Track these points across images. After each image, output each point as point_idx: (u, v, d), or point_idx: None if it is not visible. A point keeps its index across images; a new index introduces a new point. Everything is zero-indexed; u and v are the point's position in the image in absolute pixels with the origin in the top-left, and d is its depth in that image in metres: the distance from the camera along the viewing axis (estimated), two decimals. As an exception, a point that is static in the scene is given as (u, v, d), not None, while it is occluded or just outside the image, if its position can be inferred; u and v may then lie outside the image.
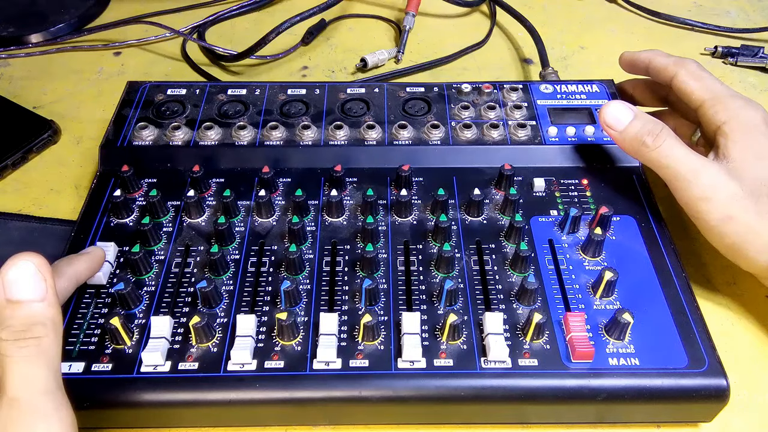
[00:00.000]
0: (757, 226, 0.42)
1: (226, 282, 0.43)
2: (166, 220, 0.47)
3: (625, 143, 0.46)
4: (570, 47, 0.73)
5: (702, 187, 0.43)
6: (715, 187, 0.43)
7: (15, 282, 0.32)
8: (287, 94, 0.56)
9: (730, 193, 0.42)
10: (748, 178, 0.43)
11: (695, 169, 0.43)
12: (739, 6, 0.79)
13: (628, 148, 0.46)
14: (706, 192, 0.43)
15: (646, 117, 0.46)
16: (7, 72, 0.68)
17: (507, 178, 0.49)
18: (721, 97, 0.46)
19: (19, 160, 0.57)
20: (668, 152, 0.44)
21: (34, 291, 0.32)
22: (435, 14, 0.78)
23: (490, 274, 0.44)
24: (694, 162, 0.43)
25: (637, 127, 0.45)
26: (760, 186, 0.42)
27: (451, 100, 0.56)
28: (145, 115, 0.54)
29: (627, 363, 0.39)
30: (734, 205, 0.42)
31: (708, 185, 0.43)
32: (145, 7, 0.76)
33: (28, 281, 0.32)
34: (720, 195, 0.43)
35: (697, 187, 0.43)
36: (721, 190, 0.43)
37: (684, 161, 0.44)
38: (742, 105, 0.45)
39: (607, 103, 0.47)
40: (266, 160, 0.51)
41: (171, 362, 0.39)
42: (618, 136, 0.46)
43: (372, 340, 0.40)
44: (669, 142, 0.44)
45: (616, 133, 0.46)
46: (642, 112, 0.47)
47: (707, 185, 0.43)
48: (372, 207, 0.47)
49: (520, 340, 0.40)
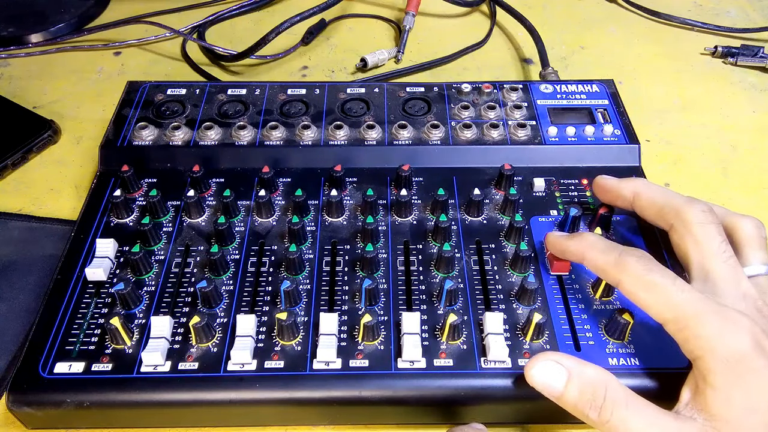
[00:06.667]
0: None
1: (226, 282, 0.43)
2: (166, 220, 0.47)
3: (566, 409, 0.35)
4: (570, 47, 0.73)
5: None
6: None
7: None
8: (287, 94, 0.56)
9: None
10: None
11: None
12: (739, 6, 0.79)
13: (572, 413, 0.35)
14: None
15: (584, 377, 0.34)
16: (7, 72, 0.68)
17: (507, 178, 0.49)
18: (687, 315, 0.33)
19: (19, 160, 0.57)
20: (621, 428, 0.32)
21: None
22: (435, 14, 0.78)
23: (490, 274, 0.44)
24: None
25: (574, 395, 0.34)
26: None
27: (451, 100, 0.56)
28: (145, 115, 0.54)
29: (627, 363, 0.39)
30: None
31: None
32: (145, 7, 0.76)
33: None
34: None
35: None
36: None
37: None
38: (719, 330, 0.32)
39: (534, 357, 0.35)
40: (266, 160, 0.51)
41: (171, 362, 0.39)
42: (556, 401, 0.35)
43: (372, 340, 0.40)
44: (619, 413, 0.32)
45: (552, 399, 0.35)
46: (579, 369, 0.34)
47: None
48: (372, 207, 0.47)
49: (520, 340, 0.40)
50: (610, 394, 0.33)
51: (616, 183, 0.44)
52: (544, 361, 0.35)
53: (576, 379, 0.34)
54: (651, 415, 0.32)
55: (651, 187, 0.42)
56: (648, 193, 0.41)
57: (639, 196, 0.42)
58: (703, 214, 0.38)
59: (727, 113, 0.65)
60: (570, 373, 0.34)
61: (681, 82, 0.68)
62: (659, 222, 0.41)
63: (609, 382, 0.34)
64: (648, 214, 0.41)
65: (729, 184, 0.57)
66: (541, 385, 0.35)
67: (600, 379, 0.34)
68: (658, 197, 0.41)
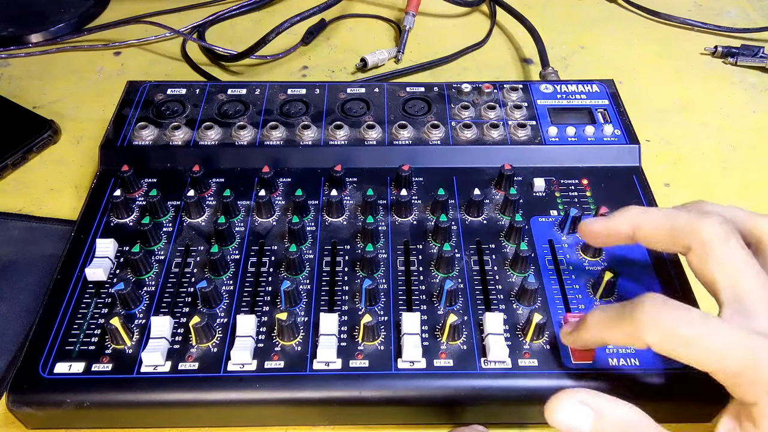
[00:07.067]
0: None
1: (226, 282, 0.43)
2: (166, 220, 0.47)
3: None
4: (570, 47, 0.73)
5: None
6: None
7: None
8: (287, 93, 0.56)
9: None
10: None
11: None
12: (739, 6, 0.79)
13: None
14: None
15: (613, 418, 0.31)
16: (7, 72, 0.68)
17: (507, 178, 0.49)
18: (737, 364, 0.30)
19: (19, 160, 0.57)
20: None
21: None
22: (435, 14, 0.78)
23: (490, 274, 0.44)
24: None
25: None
26: None
27: (451, 100, 0.56)
28: (145, 115, 0.54)
29: (627, 363, 0.39)
30: None
31: None
32: (145, 7, 0.76)
33: None
34: None
35: None
36: None
37: None
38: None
39: (554, 396, 0.32)
40: (266, 160, 0.51)
41: (171, 362, 0.39)
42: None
43: (372, 341, 0.40)
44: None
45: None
46: (608, 408, 0.31)
47: None
48: (372, 207, 0.47)
49: (520, 340, 0.40)
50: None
51: (607, 223, 0.38)
52: (568, 402, 0.31)
53: (606, 421, 0.30)
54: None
55: (650, 213, 0.37)
56: (650, 221, 0.37)
57: (640, 227, 0.37)
58: (721, 227, 0.34)
59: (727, 113, 0.65)
60: (599, 414, 0.30)
61: (681, 82, 0.68)
62: (673, 248, 0.36)
63: (640, 424, 0.30)
64: (657, 243, 0.37)
65: (729, 184, 0.57)
66: (565, 429, 0.31)
67: (631, 420, 0.30)
68: (662, 222, 0.36)
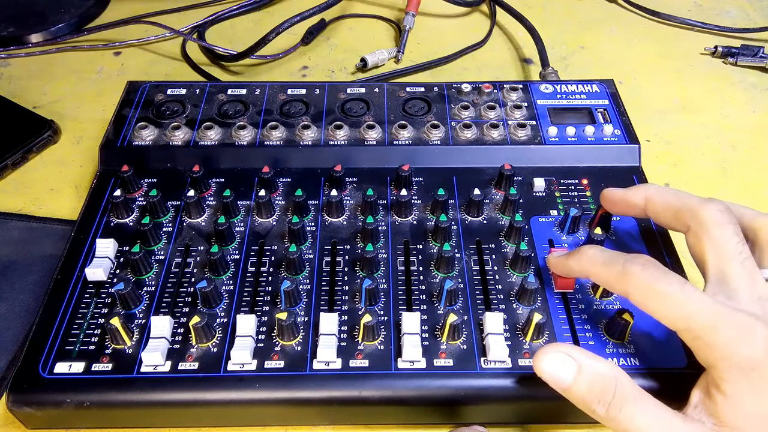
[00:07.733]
0: None
1: (226, 282, 0.43)
2: (166, 220, 0.47)
3: (572, 401, 0.35)
4: (570, 47, 0.73)
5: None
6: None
7: None
8: (287, 94, 0.56)
9: None
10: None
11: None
12: (739, 6, 0.79)
13: (578, 406, 0.35)
14: None
15: (594, 371, 0.33)
16: (7, 72, 0.68)
17: (507, 178, 0.49)
18: (700, 325, 0.32)
19: (19, 160, 0.57)
20: (627, 424, 0.33)
21: None
22: (435, 14, 0.78)
23: (490, 274, 0.44)
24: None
25: (583, 388, 0.33)
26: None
27: (451, 100, 0.56)
28: (145, 115, 0.54)
29: (627, 363, 0.39)
30: None
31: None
32: (145, 7, 0.76)
33: None
34: None
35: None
36: None
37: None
38: (733, 338, 0.32)
39: (542, 349, 0.34)
40: (266, 160, 0.51)
41: (171, 362, 0.39)
42: (562, 393, 0.35)
43: (372, 340, 0.40)
44: (627, 410, 0.32)
45: (559, 390, 0.35)
46: (589, 362, 0.34)
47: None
48: (372, 207, 0.47)
49: (520, 340, 0.40)
50: (619, 390, 0.33)
51: (625, 192, 0.42)
52: (554, 353, 0.34)
53: (586, 373, 0.33)
54: (659, 414, 0.32)
55: (663, 191, 0.40)
56: (661, 196, 0.40)
57: (652, 200, 0.40)
58: (720, 214, 0.36)
59: (727, 113, 0.65)
60: (580, 366, 0.33)
61: (681, 82, 0.68)
62: (675, 225, 0.39)
63: (619, 378, 0.33)
64: (663, 218, 0.40)
65: (729, 184, 0.57)
66: (550, 377, 0.34)
67: (610, 375, 0.33)
68: (672, 200, 0.39)
